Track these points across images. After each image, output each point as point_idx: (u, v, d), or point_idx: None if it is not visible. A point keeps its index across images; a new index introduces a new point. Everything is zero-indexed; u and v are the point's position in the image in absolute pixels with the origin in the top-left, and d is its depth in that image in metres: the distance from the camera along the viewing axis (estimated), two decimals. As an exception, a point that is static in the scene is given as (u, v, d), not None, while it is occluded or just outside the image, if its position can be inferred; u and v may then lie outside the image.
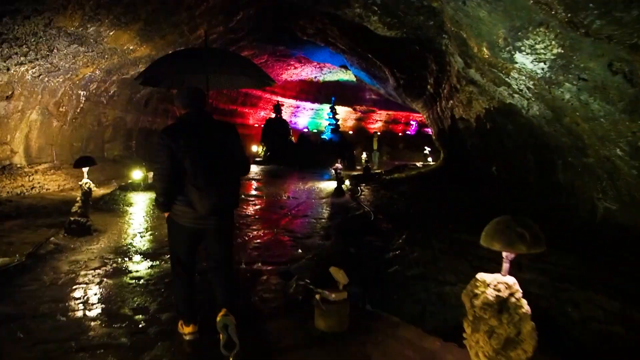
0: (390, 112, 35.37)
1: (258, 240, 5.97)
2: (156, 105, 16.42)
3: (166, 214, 2.94)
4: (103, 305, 3.61)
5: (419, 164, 22.52)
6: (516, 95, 5.48)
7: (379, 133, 27.21)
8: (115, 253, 5.11)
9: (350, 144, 20.98)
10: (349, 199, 9.21)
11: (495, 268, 4.71)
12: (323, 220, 7.35)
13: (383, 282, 4.49)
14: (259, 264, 4.79)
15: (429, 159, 23.48)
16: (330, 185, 11.95)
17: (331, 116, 22.53)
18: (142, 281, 4.17)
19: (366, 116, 35.04)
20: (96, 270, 4.45)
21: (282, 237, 6.20)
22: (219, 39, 14.99)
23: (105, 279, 4.21)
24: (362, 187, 11.39)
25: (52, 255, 4.81)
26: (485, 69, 5.60)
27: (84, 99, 11.77)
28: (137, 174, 10.21)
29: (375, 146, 21.76)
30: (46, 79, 9.93)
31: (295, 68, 27.18)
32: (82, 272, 4.37)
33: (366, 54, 12.64)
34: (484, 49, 4.71)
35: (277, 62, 24.94)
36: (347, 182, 12.40)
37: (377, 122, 35.94)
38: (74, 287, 3.98)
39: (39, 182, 10.15)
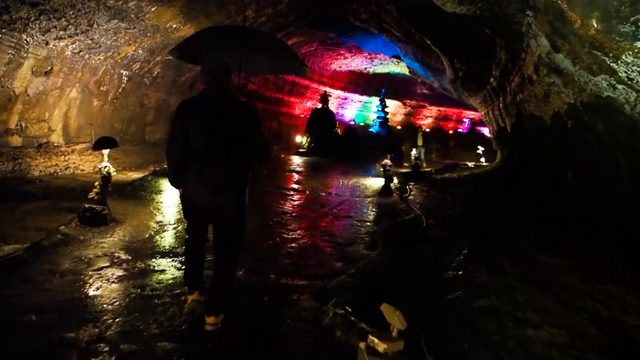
0: (441, 108, 33.66)
1: (292, 245, 5.16)
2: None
3: (180, 190, 2.92)
4: (86, 328, 2.84)
5: (470, 164, 21.03)
6: (620, 87, 4.34)
7: (425, 129, 25.75)
8: (128, 250, 4.45)
9: (399, 139, 19.76)
10: (397, 200, 8.22)
11: (592, 306, 3.68)
12: (368, 223, 6.46)
13: (443, 312, 3.54)
14: (290, 278, 3.97)
15: (482, 159, 21.92)
16: (376, 183, 10.99)
17: (380, 109, 21.39)
18: (147, 291, 3.44)
19: (416, 111, 33.53)
20: (99, 272, 3.78)
21: (320, 242, 5.36)
22: (267, 23, 14.30)
23: (105, 285, 3.53)
24: (410, 187, 10.36)
25: (56, 249, 4.20)
26: (583, 52, 4.47)
27: (126, 79, 11.40)
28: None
29: (420, 142, 20.30)
30: (87, 55, 9.55)
31: (345, 58, 26.21)
32: (82, 273, 3.72)
33: (424, 40, 11.51)
34: (593, 22, 3.64)
35: (326, 51, 24.09)
36: (394, 180, 11.40)
37: (427, 118, 34.33)
38: (64, 293, 3.31)
39: (74, 162, 9.85)
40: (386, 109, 21.87)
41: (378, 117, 21.29)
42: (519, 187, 8.96)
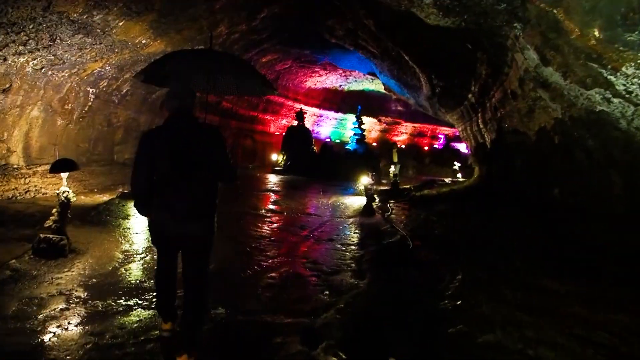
0: (416, 125, 33.98)
1: (273, 274, 4.72)
2: (173, 108, 15.46)
3: (148, 218, 2.87)
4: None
5: (447, 180, 21.04)
6: (616, 100, 4.17)
7: (399, 145, 25.73)
8: (88, 287, 3.94)
9: (376, 156, 19.61)
10: (380, 220, 7.92)
11: (609, 340, 3.37)
12: (353, 247, 6.09)
13: (446, 351, 3.19)
14: (272, 315, 3.54)
15: (459, 175, 21.98)
16: (356, 202, 10.69)
17: (357, 125, 21.26)
18: (106, 339, 2.96)
19: (391, 128, 33.72)
20: (52, 316, 3.27)
21: (303, 270, 4.94)
22: (240, 40, 14.01)
23: (57, 333, 3.03)
24: (391, 205, 10.10)
25: (2, 288, 3.66)
26: (576, 65, 4.31)
27: (92, 96, 10.82)
28: None
29: (395, 158, 20.01)
30: (49, 72, 8.99)
31: (320, 76, 26.17)
32: (30, 318, 3.21)
33: (401, 57, 11.42)
34: (594, 31, 3.44)
35: (301, 69, 23.98)
36: (376, 199, 11.13)
37: (403, 134, 34.57)
38: (4, 345, 2.80)
39: (35, 186, 9.19)
40: (363, 126, 21.77)
41: (355, 134, 21.14)
42: (502, 204, 8.82)
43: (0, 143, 8.88)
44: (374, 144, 30.53)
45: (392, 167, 14.46)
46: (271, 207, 9.47)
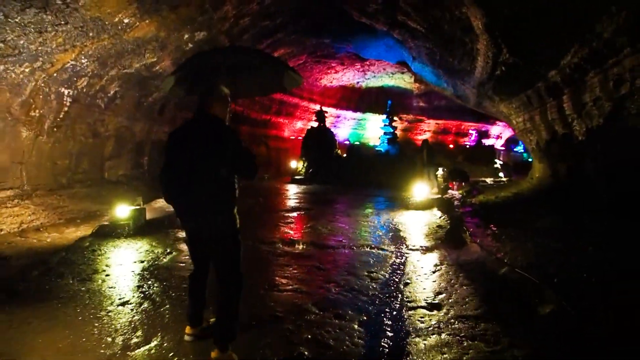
0: (439, 122, 31.36)
1: None
2: (174, 114, 13.12)
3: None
4: None
5: (489, 181, 18.46)
6: None
7: (430, 141, 23.02)
8: None
9: (434, 153, 16.65)
10: (481, 253, 5.26)
11: None
12: (488, 332, 3.18)
13: None
14: None
15: (501, 174, 19.34)
16: (413, 219, 8.17)
17: (387, 123, 18.66)
18: None
19: (413, 126, 31.11)
20: None
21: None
22: (250, 27, 11.63)
23: None
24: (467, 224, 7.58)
25: None
26: None
27: (69, 99, 8.51)
28: (121, 211, 6.63)
29: (425, 159, 15.79)
30: (1, 67, 6.69)
31: (336, 72, 23.81)
32: None
33: (456, 31, 8.96)
34: None
35: (316, 64, 21.67)
36: (436, 213, 8.64)
37: (425, 132, 31.94)
38: None
39: (-11, 220, 6.86)
40: (394, 124, 19.14)
41: (385, 134, 18.53)
42: (621, 214, 6.24)
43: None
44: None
45: (440, 170, 12.01)
46: (292, 235, 6.74)
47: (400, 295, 4.06)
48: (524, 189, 12.14)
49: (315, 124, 18.25)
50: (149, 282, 4.29)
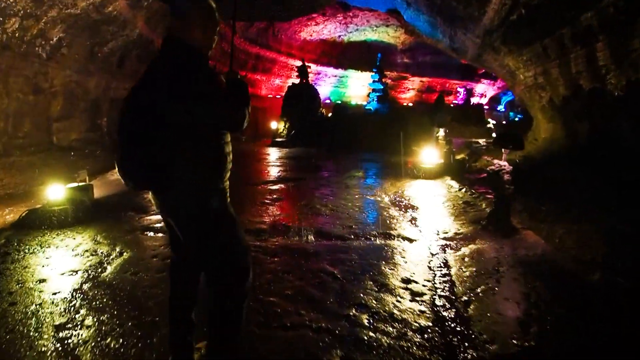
0: (424, 79, 30.03)
1: None
2: (137, 68, 11.30)
3: None
4: None
5: (482, 142, 17.46)
6: None
7: (414, 100, 21.58)
8: None
9: (404, 117, 15.43)
10: (541, 243, 3.97)
11: None
12: None
13: None
14: None
15: (494, 134, 18.42)
16: (423, 191, 6.95)
17: (377, 79, 17.11)
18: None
19: (397, 84, 29.63)
20: None
21: None
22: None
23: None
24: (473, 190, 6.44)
25: None
26: None
27: (-5, 46, 6.75)
28: (54, 191, 5.08)
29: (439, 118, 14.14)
30: None
31: (317, 24, 21.95)
32: None
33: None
34: None
35: (295, 16, 19.77)
36: (451, 183, 7.49)
37: (409, 90, 30.59)
38: None
39: None
40: (385, 80, 17.60)
41: (374, 90, 16.98)
42: None
43: None
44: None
45: (440, 131, 10.75)
46: (299, 220, 5.13)
47: (464, 328, 2.56)
48: (531, 152, 11.08)
49: (296, 81, 16.56)
50: (79, 317, 2.68)
